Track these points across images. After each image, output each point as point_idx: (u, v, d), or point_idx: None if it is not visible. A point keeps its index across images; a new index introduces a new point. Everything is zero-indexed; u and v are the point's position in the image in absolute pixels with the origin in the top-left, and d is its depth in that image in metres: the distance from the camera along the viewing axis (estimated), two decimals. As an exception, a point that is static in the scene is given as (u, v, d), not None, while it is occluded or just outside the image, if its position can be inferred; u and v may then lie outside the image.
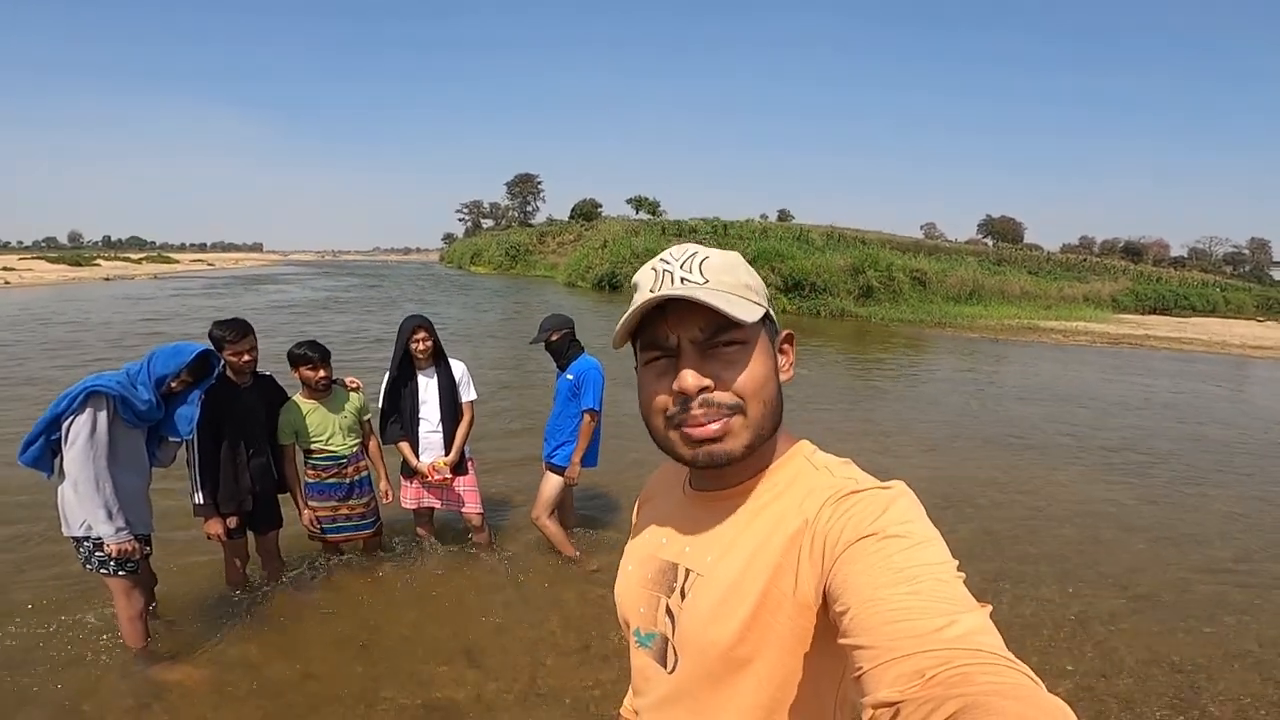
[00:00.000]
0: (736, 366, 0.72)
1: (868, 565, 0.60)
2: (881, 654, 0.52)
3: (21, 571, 3.67)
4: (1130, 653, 3.27)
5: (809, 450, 0.79)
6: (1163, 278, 40.26)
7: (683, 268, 0.74)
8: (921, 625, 0.53)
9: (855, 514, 0.65)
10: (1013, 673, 0.49)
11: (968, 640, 0.51)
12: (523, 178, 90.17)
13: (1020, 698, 0.46)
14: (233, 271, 52.67)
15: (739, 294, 0.73)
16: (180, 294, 24.90)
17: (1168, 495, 5.63)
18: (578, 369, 3.74)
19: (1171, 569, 4.21)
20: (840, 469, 0.75)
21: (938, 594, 0.55)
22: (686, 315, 0.72)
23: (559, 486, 3.82)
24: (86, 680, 2.77)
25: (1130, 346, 17.33)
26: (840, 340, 15.99)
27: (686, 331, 0.72)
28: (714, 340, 0.72)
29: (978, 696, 0.46)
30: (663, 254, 0.78)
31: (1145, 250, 77.90)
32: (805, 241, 32.09)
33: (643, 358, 0.77)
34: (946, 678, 0.48)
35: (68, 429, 2.61)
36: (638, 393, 0.78)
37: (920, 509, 0.67)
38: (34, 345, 11.38)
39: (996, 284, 27.74)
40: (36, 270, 38.50)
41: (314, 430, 3.51)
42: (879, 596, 0.56)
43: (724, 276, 0.74)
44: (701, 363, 0.72)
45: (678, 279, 0.73)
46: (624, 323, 0.74)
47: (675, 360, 0.73)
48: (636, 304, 0.74)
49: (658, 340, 0.74)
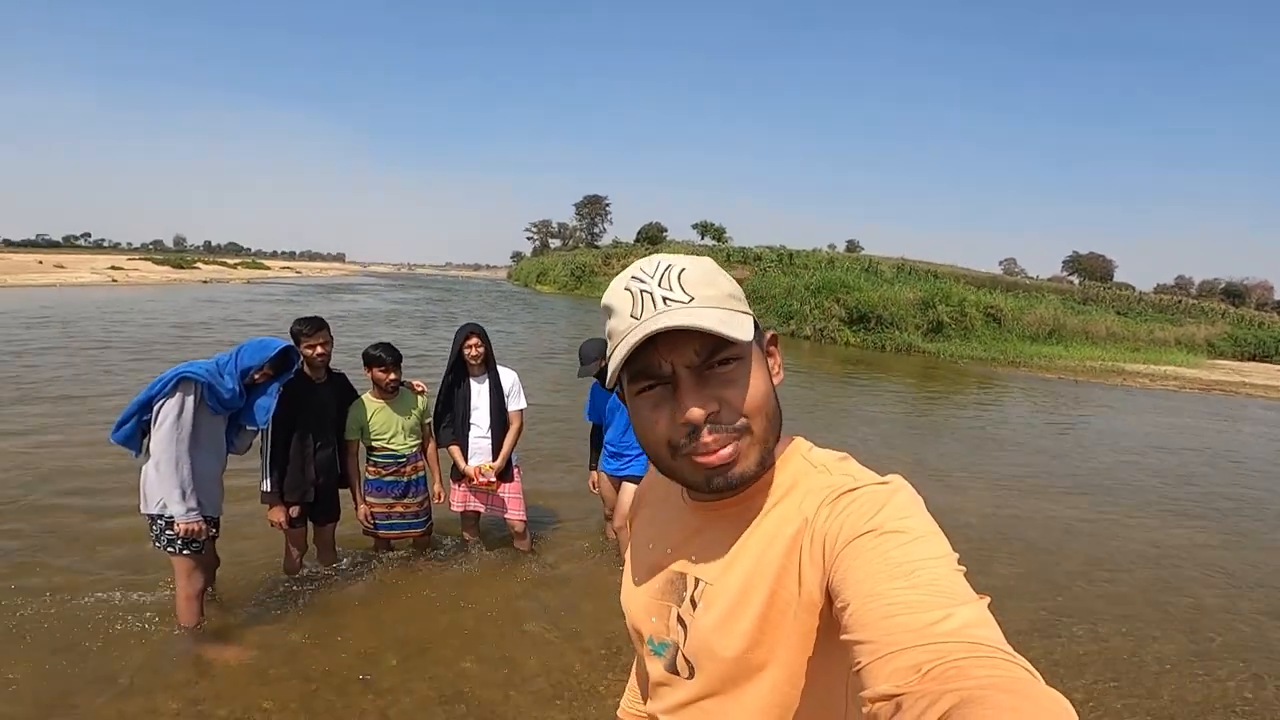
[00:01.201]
0: (737, 385, 0.70)
1: (866, 561, 0.60)
2: (879, 648, 0.52)
3: (93, 548, 3.94)
4: (1190, 695, 3.11)
5: (805, 448, 0.79)
6: (1265, 323, 37.42)
7: (661, 285, 0.69)
8: (918, 619, 0.52)
9: (853, 511, 0.65)
10: (1010, 665, 0.48)
11: (964, 633, 0.51)
12: (591, 199, 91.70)
13: (1017, 691, 0.45)
14: (316, 280, 55.73)
15: (726, 307, 0.70)
16: (265, 299, 26.49)
17: (1246, 542, 5.27)
18: None
19: (1243, 617, 3.97)
20: (838, 465, 0.75)
21: (935, 587, 0.55)
22: (680, 341, 0.68)
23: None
24: (139, 654, 2.94)
25: (1224, 394, 16.14)
26: (905, 375, 15.54)
27: (681, 358, 0.69)
28: (710, 362, 0.69)
29: (974, 690, 0.45)
30: (632, 270, 0.73)
31: (1248, 292, 72.53)
32: (874, 273, 31.46)
33: (633, 388, 0.73)
34: (942, 672, 0.48)
35: (158, 411, 2.84)
36: (633, 424, 0.75)
37: (919, 503, 0.66)
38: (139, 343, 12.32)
39: (1080, 323, 26.35)
40: (142, 270, 42.20)
41: (378, 429, 3.69)
42: (877, 591, 0.56)
43: (707, 290, 0.70)
44: (700, 388, 0.69)
45: (659, 299, 0.69)
46: (614, 365, 0.71)
47: (672, 388, 0.70)
48: (622, 337, 0.69)
49: (650, 369, 0.70)
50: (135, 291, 27.10)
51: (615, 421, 3.95)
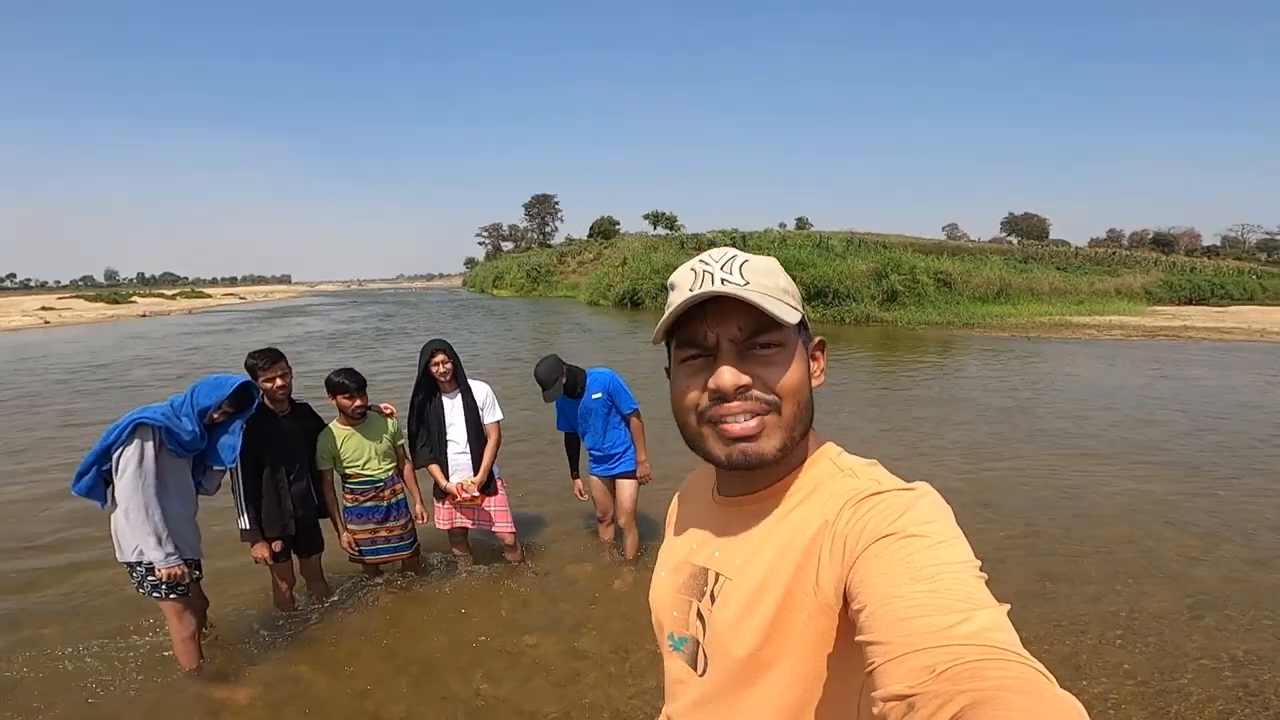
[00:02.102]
0: (775, 367, 0.73)
1: (886, 563, 0.60)
2: (894, 649, 0.53)
3: (76, 597, 3.79)
4: (1189, 648, 3.18)
5: (834, 452, 0.79)
6: (1196, 268, 39.31)
7: (723, 269, 0.73)
8: (935, 621, 0.53)
9: (876, 514, 0.65)
10: (1024, 668, 0.48)
11: (981, 637, 0.51)
12: (540, 199, 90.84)
13: (1030, 693, 0.45)
14: (263, 304, 54.04)
15: (777, 297, 0.73)
16: (211, 330, 25.53)
17: (1218, 488, 5.46)
18: (601, 384, 3.83)
19: (1225, 564, 4.08)
20: (865, 471, 0.75)
21: (954, 591, 0.55)
22: (727, 315, 0.72)
23: (636, 489, 3.98)
24: (143, 700, 2.87)
25: (1168, 339, 16.86)
26: (867, 345, 15.85)
27: (726, 331, 0.72)
28: (753, 341, 0.72)
29: (988, 691, 0.46)
30: (702, 255, 0.77)
31: (1176, 241, 76.10)
32: (825, 249, 31.96)
33: (678, 356, 0.77)
34: (957, 673, 0.48)
35: (117, 459, 2.72)
36: (670, 390, 0.78)
37: (945, 510, 0.66)
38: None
39: (1024, 282, 27.28)
40: (76, 309, 39.96)
41: (351, 455, 3.59)
42: (896, 594, 0.57)
43: (763, 279, 0.74)
44: (740, 362, 0.72)
45: (718, 279, 0.72)
46: (664, 319, 0.75)
47: (713, 360, 0.73)
48: (676, 302, 0.74)
49: (696, 339, 0.74)
50: (70, 332, 25.83)
51: (592, 427, 3.91)
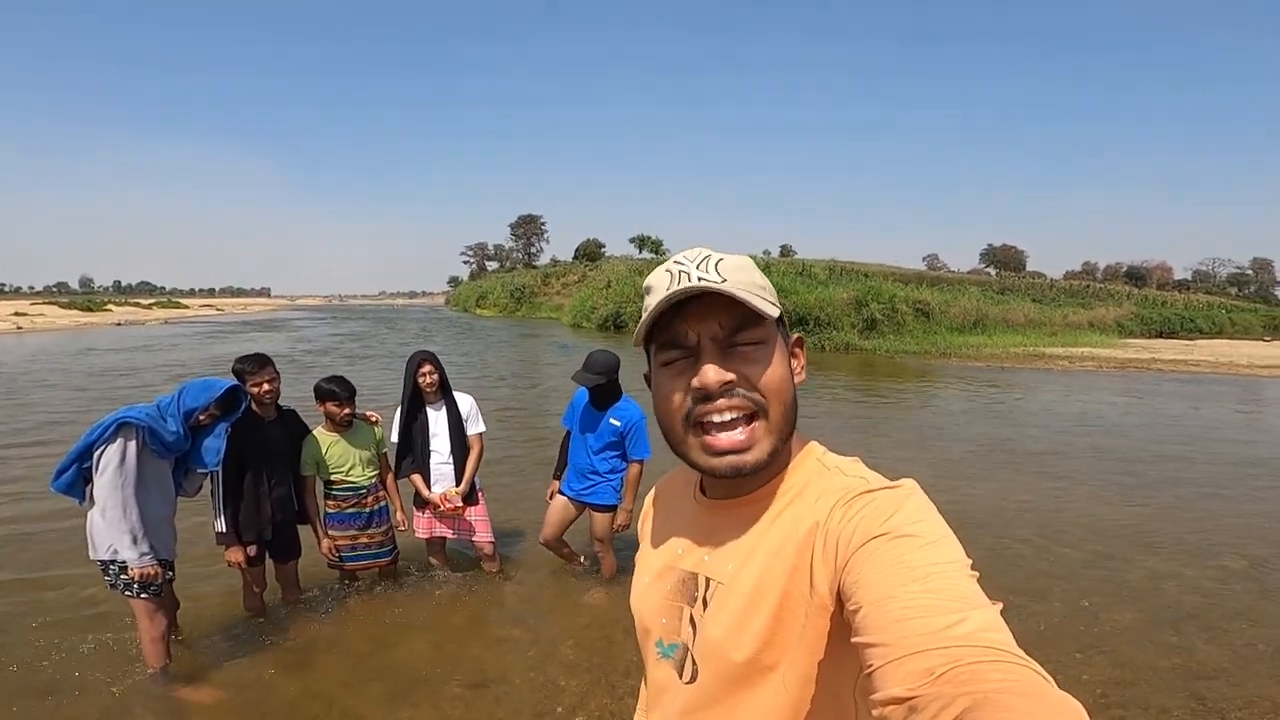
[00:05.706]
0: (758, 364, 0.72)
1: (880, 565, 0.60)
2: (892, 651, 0.52)
3: (46, 597, 3.73)
4: (1147, 662, 3.28)
5: (820, 451, 0.80)
6: (1167, 301, 40.40)
7: (699, 268, 0.73)
8: (932, 623, 0.53)
9: (867, 514, 0.65)
10: (1023, 670, 0.48)
11: (978, 637, 0.51)
12: (526, 219, 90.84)
13: (1031, 694, 0.45)
14: (241, 316, 53.38)
15: (755, 293, 0.73)
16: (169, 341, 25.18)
17: (1181, 510, 5.63)
18: (624, 416, 3.65)
19: (1188, 580, 4.21)
20: (851, 468, 0.76)
21: (949, 591, 0.55)
22: (707, 312, 0.72)
23: (610, 521, 3.81)
24: (109, 699, 2.83)
25: (1137, 370, 17.31)
26: (846, 373, 16.05)
27: (707, 329, 0.72)
28: (735, 339, 0.72)
29: (989, 694, 0.46)
30: (675, 256, 0.77)
31: (1149, 274, 78.22)
32: (808, 276, 32.42)
33: (659, 359, 0.76)
34: (956, 675, 0.48)
35: (98, 457, 2.72)
36: (653, 396, 0.78)
37: (931, 508, 0.66)
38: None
39: (1000, 313, 27.92)
40: (49, 315, 39.04)
41: (335, 462, 3.62)
42: (890, 595, 0.57)
43: (740, 276, 0.73)
44: (722, 360, 0.72)
45: (694, 278, 0.72)
46: (644, 321, 0.74)
47: (694, 360, 0.73)
48: (654, 303, 0.73)
49: (677, 339, 0.73)
50: (46, 338, 25.33)
51: (587, 444, 3.75)
